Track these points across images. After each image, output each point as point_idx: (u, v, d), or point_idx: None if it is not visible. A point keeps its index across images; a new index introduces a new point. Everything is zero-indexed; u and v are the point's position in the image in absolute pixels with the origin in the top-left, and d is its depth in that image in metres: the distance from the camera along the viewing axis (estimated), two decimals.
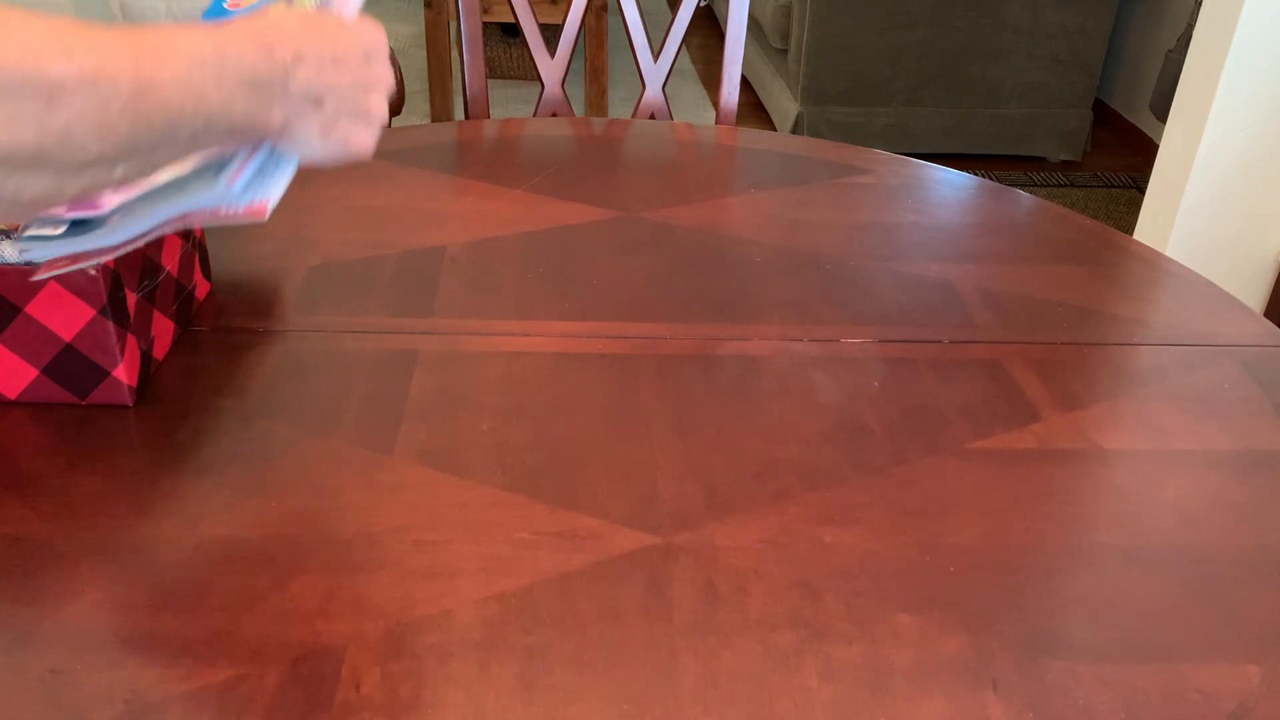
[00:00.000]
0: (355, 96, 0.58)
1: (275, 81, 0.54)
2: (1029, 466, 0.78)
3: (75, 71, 0.44)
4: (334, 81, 0.57)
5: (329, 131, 0.58)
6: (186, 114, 0.49)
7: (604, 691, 0.58)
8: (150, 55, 0.48)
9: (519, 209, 1.12)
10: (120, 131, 0.46)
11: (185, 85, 0.49)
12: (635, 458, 0.76)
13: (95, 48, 0.45)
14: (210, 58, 0.50)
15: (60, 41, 0.44)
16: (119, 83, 0.46)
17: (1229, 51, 1.87)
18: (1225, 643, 0.63)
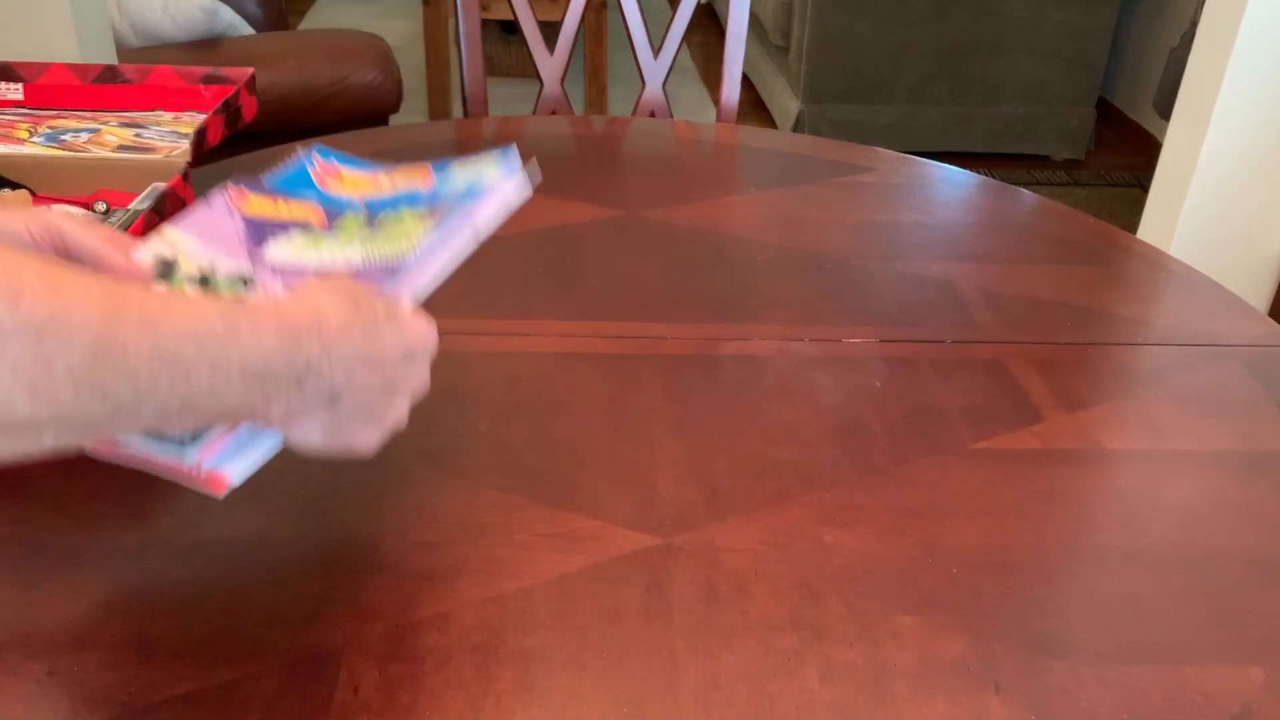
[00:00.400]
0: (378, 400, 0.52)
1: (290, 378, 0.47)
2: (1031, 467, 0.77)
3: (21, 319, 0.38)
4: (360, 382, 0.50)
5: (334, 431, 0.51)
6: (159, 391, 0.42)
7: (604, 693, 0.58)
8: (134, 315, 0.41)
9: (518, 208, 1.12)
10: (61, 396, 0.39)
11: (168, 359, 0.42)
12: (635, 458, 0.76)
13: (59, 294, 0.39)
14: (215, 333, 0.43)
15: (15, 282, 0.38)
16: (74, 339, 0.39)
17: (1232, 49, 1.87)
18: (1228, 644, 0.63)
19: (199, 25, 2.16)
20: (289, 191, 0.70)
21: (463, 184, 0.67)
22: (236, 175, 0.72)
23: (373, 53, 2.25)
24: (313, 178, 0.71)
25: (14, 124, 0.94)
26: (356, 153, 1.22)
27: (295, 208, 0.68)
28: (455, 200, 0.64)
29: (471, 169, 0.68)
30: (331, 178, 0.71)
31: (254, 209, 0.68)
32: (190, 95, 0.99)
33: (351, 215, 0.65)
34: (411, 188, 0.69)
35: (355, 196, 0.69)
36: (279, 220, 0.67)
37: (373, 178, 0.71)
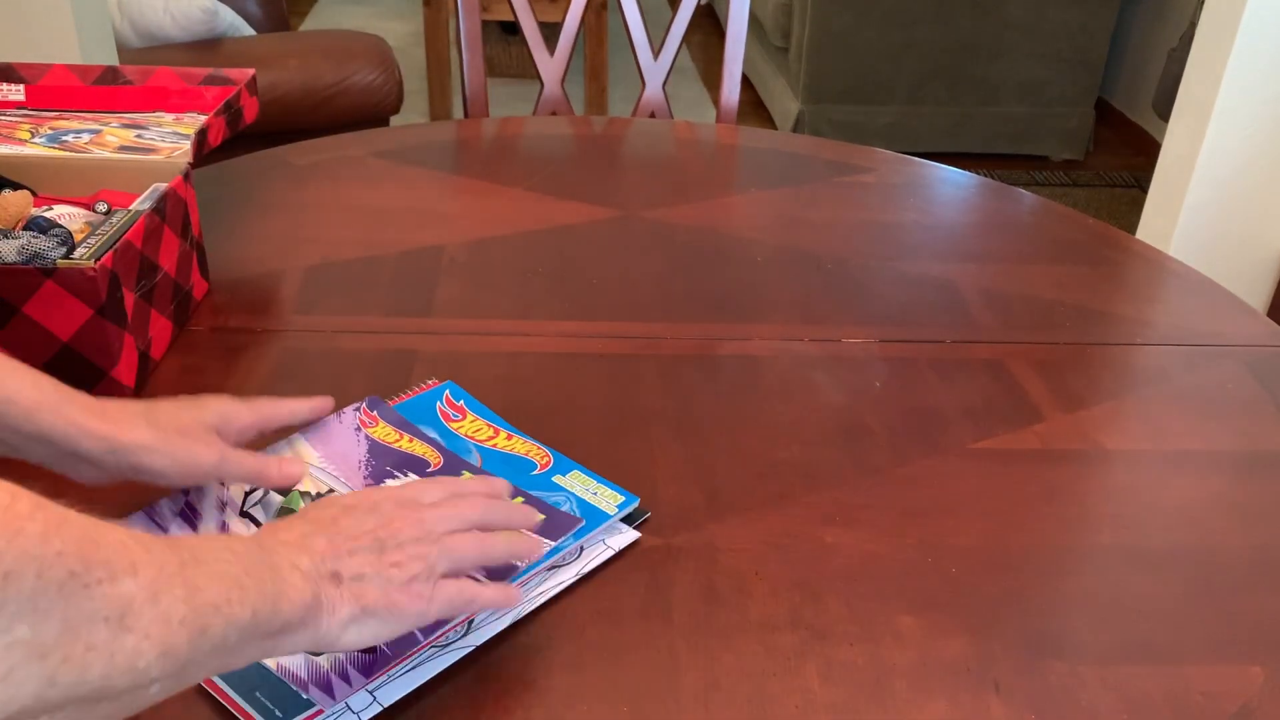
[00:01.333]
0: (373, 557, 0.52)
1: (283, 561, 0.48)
2: (1031, 467, 0.77)
3: (142, 585, 0.39)
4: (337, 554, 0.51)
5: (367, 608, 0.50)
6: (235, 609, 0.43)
7: (604, 693, 0.58)
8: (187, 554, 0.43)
9: (518, 208, 1.12)
10: (180, 648, 0.40)
11: (222, 579, 0.44)
12: (635, 458, 0.76)
13: (150, 552, 0.40)
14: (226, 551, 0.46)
15: (127, 552, 0.39)
16: (175, 590, 0.40)
17: (1232, 50, 1.87)
18: (1228, 644, 0.63)
19: (200, 26, 2.16)
20: (414, 421, 0.74)
21: (580, 492, 0.69)
22: (371, 399, 0.76)
23: (373, 53, 2.25)
24: (439, 413, 0.76)
25: (15, 125, 0.94)
26: (357, 153, 1.23)
27: (417, 445, 0.72)
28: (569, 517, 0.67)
29: (591, 485, 0.70)
30: (456, 417, 0.76)
31: (379, 435, 0.73)
32: (191, 96, 0.99)
33: (467, 475, 0.68)
34: (529, 459, 0.72)
35: (473, 440, 0.74)
36: (401, 451, 0.71)
37: (494, 430, 0.75)
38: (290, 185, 1.14)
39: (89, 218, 0.84)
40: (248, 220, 1.06)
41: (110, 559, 0.38)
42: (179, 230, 0.86)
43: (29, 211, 0.82)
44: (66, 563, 0.36)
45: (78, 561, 0.36)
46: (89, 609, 0.36)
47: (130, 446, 0.59)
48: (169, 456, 0.60)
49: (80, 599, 0.36)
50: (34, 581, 0.35)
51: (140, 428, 0.60)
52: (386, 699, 0.55)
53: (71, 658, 0.36)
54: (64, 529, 0.37)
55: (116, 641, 0.37)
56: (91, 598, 0.37)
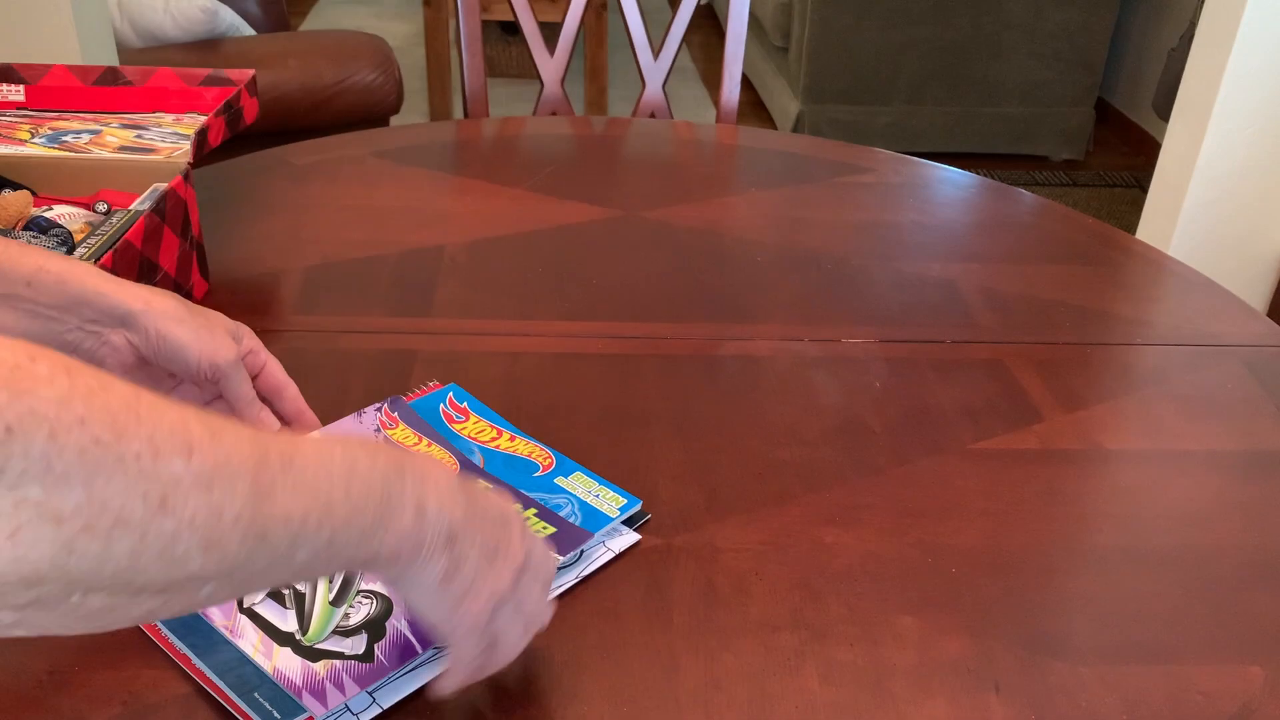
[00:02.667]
0: (482, 555, 0.50)
1: (411, 499, 0.47)
2: (1031, 467, 0.77)
3: (194, 470, 0.37)
4: (468, 524, 0.49)
5: (449, 581, 0.49)
6: (309, 529, 0.42)
7: (604, 693, 0.58)
8: (275, 458, 0.41)
9: (518, 208, 1.12)
10: (229, 546, 0.39)
11: (309, 494, 0.42)
12: (635, 458, 0.76)
13: (220, 442, 0.39)
14: (339, 461, 0.44)
15: (184, 433, 0.37)
16: (236, 486, 0.39)
17: (1231, 50, 1.87)
18: (1228, 644, 0.63)
19: (200, 26, 2.16)
20: (430, 426, 0.75)
21: (582, 495, 0.69)
22: (391, 398, 0.77)
23: (373, 53, 2.25)
24: (442, 415, 0.76)
25: (15, 125, 0.94)
26: (357, 153, 1.22)
27: (435, 449, 0.72)
28: (573, 519, 0.67)
29: (594, 488, 0.70)
30: (459, 419, 0.76)
31: (398, 437, 0.73)
32: (191, 97, 0.99)
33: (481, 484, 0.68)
34: (532, 460, 0.72)
35: (476, 441, 0.74)
36: None
37: (497, 431, 0.75)
38: (290, 185, 1.14)
39: (89, 218, 0.84)
40: (248, 220, 1.06)
41: (156, 435, 0.36)
42: (179, 230, 0.86)
43: (29, 211, 0.82)
44: (91, 430, 0.34)
45: (107, 430, 0.35)
46: (121, 482, 0.35)
47: (161, 310, 0.61)
48: (194, 331, 0.62)
49: (110, 469, 0.34)
50: (44, 443, 0.33)
51: (171, 299, 0.63)
52: (386, 700, 0.55)
53: (94, 528, 0.34)
54: (95, 396, 0.35)
55: (152, 521, 0.36)
56: (125, 470, 0.35)
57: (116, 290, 0.61)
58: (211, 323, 0.65)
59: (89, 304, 0.60)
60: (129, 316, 0.61)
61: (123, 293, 0.61)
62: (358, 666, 0.56)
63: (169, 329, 0.62)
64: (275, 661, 0.56)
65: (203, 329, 0.63)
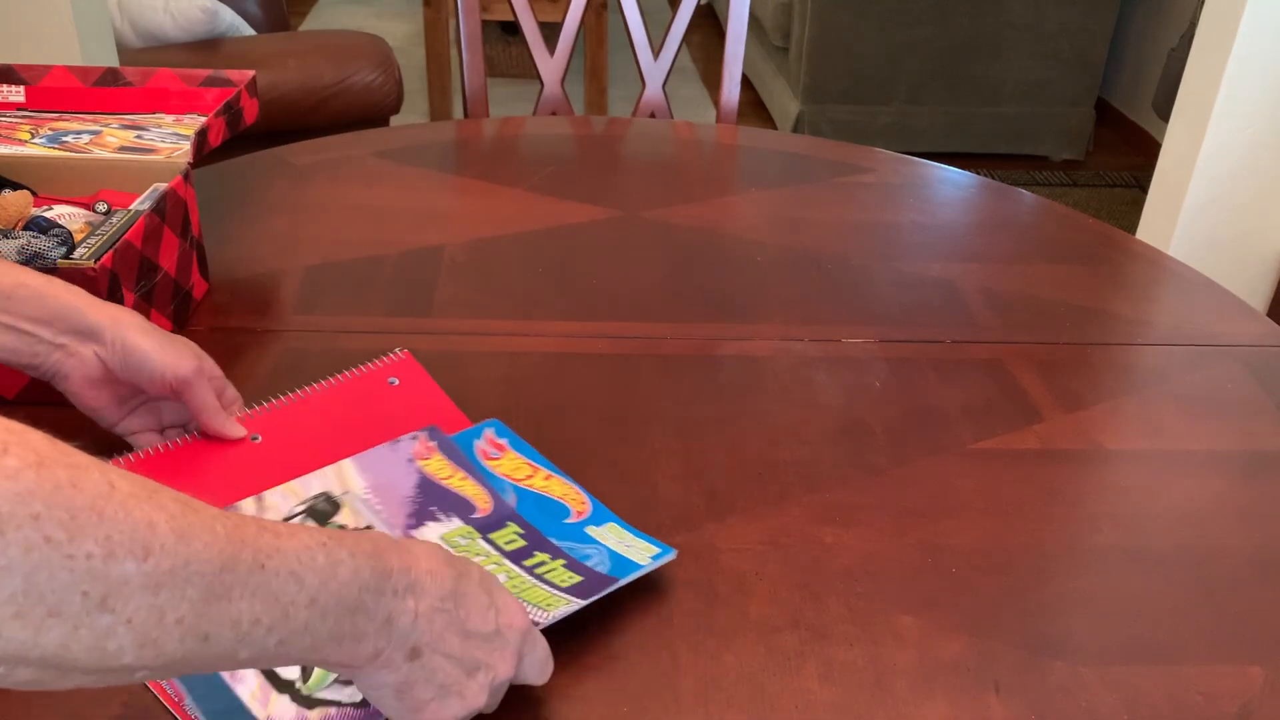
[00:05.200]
0: (455, 673, 0.49)
1: (380, 614, 0.46)
2: (1031, 467, 0.77)
3: (146, 572, 0.37)
4: (441, 641, 0.48)
5: (408, 693, 0.48)
6: (258, 632, 0.41)
7: (604, 693, 0.58)
8: (247, 558, 0.41)
9: (518, 208, 1.12)
10: (166, 645, 0.39)
11: (270, 600, 0.41)
12: (635, 458, 0.76)
13: (187, 543, 0.39)
14: (317, 567, 0.43)
15: (147, 534, 0.37)
16: (188, 591, 0.39)
17: (1231, 50, 1.87)
18: (1228, 644, 0.63)
19: (200, 26, 2.16)
20: (467, 459, 0.72)
21: (613, 545, 0.66)
22: (431, 428, 0.73)
23: (373, 53, 2.25)
24: (477, 451, 0.73)
25: (15, 126, 0.94)
26: (357, 153, 1.23)
27: (469, 485, 0.69)
28: (601, 568, 0.64)
29: (626, 539, 0.67)
30: (495, 455, 0.73)
31: (433, 469, 0.70)
32: (191, 97, 0.99)
33: (512, 527, 0.66)
34: (564, 504, 0.69)
35: (510, 480, 0.71)
36: (451, 491, 0.68)
37: (534, 469, 0.72)
38: (290, 185, 1.14)
39: (89, 218, 0.84)
40: (248, 220, 1.06)
41: (114, 535, 0.36)
42: (179, 230, 0.86)
43: (29, 212, 0.82)
44: (43, 528, 0.35)
45: (61, 530, 0.35)
46: (64, 578, 0.35)
47: (127, 323, 0.66)
48: (158, 343, 0.66)
49: (54, 566, 0.35)
50: None
51: (137, 316, 0.67)
52: None
53: (26, 616, 0.35)
54: (60, 493, 0.35)
55: (87, 617, 0.36)
56: (71, 569, 0.35)
57: (88, 306, 0.65)
58: (175, 338, 0.69)
59: (63, 318, 0.64)
60: (98, 331, 0.65)
61: (93, 309, 0.65)
62: (352, 713, 0.55)
63: (135, 340, 0.65)
64: (270, 710, 0.55)
65: (166, 341, 0.67)
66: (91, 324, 0.64)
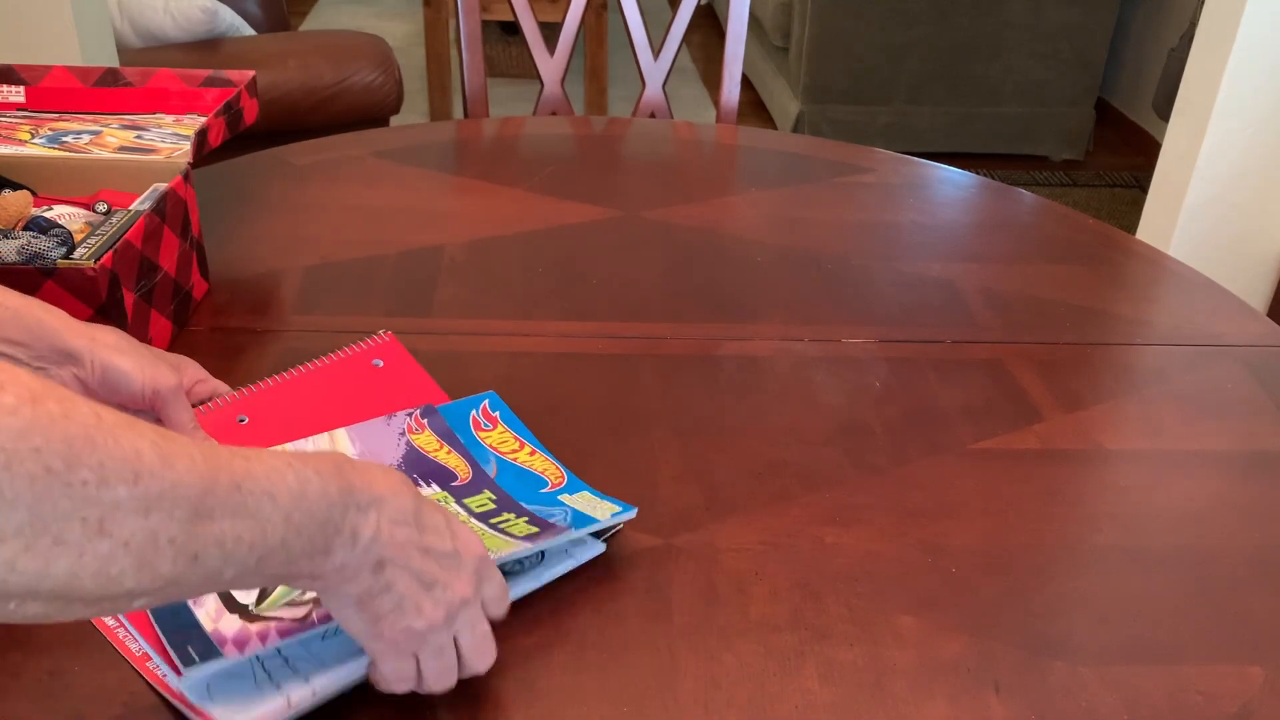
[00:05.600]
0: (415, 589, 0.51)
1: (346, 528, 0.48)
2: (1031, 467, 0.77)
3: (137, 495, 0.39)
4: (404, 551, 0.51)
5: (368, 603, 0.50)
6: (241, 550, 0.43)
7: (604, 693, 0.58)
8: (225, 480, 0.43)
9: (518, 208, 1.12)
10: (161, 567, 0.40)
11: (249, 518, 0.43)
12: (635, 458, 0.76)
13: (171, 468, 0.40)
14: (289, 486, 0.45)
15: (134, 460, 0.39)
16: (176, 512, 0.40)
17: (1232, 50, 1.87)
18: (1228, 644, 0.63)
19: (200, 26, 2.16)
20: (454, 434, 0.74)
21: (580, 507, 0.68)
22: (426, 406, 0.75)
23: (373, 53, 2.25)
24: (470, 420, 0.76)
25: (15, 126, 0.94)
26: (357, 153, 1.23)
27: (452, 457, 0.72)
28: (563, 524, 0.65)
29: (594, 502, 0.69)
30: (486, 427, 0.76)
31: (420, 442, 0.73)
32: (191, 98, 0.99)
33: (486, 494, 0.68)
34: (543, 477, 0.72)
35: (495, 451, 0.73)
36: (434, 461, 0.71)
37: (520, 443, 0.75)
38: (290, 185, 1.14)
39: (89, 218, 0.84)
40: (248, 220, 1.06)
41: (106, 462, 0.38)
42: (179, 230, 0.86)
43: (29, 212, 0.82)
44: (44, 459, 0.36)
45: (60, 459, 0.36)
46: (65, 506, 0.37)
47: (105, 343, 0.65)
48: (136, 361, 0.66)
49: (56, 495, 0.36)
50: None
51: (114, 334, 0.67)
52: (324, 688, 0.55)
53: (35, 548, 0.36)
54: (55, 425, 0.37)
55: (89, 543, 0.38)
56: (70, 496, 0.37)
57: (65, 328, 0.65)
58: (155, 354, 0.68)
59: (41, 339, 0.64)
60: (75, 353, 0.65)
61: (71, 330, 0.65)
62: (291, 625, 0.56)
63: (113, 360, 0.65)
64: (219, 624, 0.56)
65: (145, 359, 0.67)
66: (70, 347, 0.64)
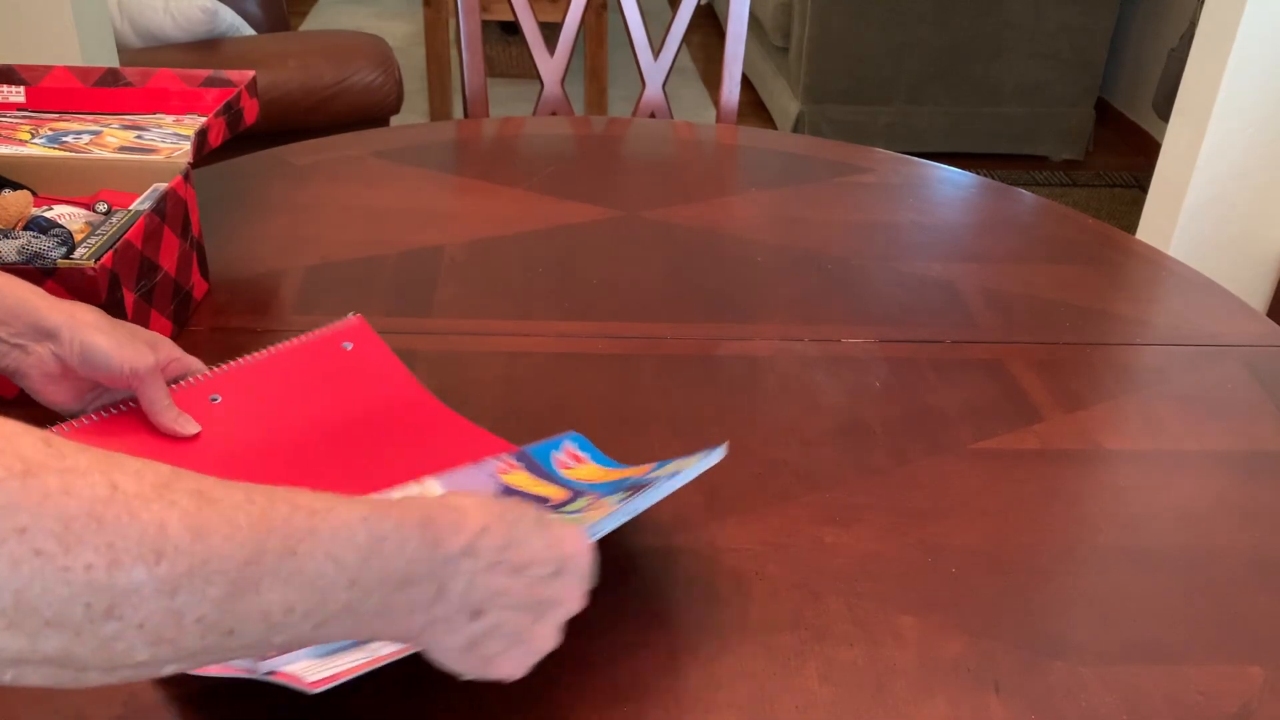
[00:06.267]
0: (522, 621, 0.48)
1: (431, 585, 0.43)
2: (1031, 467, 0.77)
3: (159, 578, 0.35)
4: (503, 596, 0.46)
5: (475, 651, 0.46)
6: (292, 621, 0.38)
7: (604, 693, 0.58)
8: (276, 545, 0.38)
9: (518, 208, 1.12)
10: (186, 643, 0.36)
11: (305, 586, 0.38)
12: (635, 458, 0.76)
13: (203, 539, 0.36)
14: (358, 546, 0.40)
15: (157, 538, 0.35)
16: (209, 590, 0.36)
17: (1231, 50, 1.87)
18: (1228, 644, 0.63)
19: (200, 26, 2.16)
20: (548, 471, 0.71)
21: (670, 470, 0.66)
22: (520, 450, 0.72)
23: (373, 53, 2.25)
24: (554, 461, 0.72)
25: (16, 126, 0.94)
26: (357, 153, 1.22)
27: (548, 487, 0.69)
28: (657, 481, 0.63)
29: (683, 463, 0.67)
30: (571, 465, 0.72)
31: (513, 481, 0.70)
32: (191, 98, 0.99)
33: (583, 500, 0.66)
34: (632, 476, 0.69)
35: (588, 481, 0.71)
36: (530, 494, 0.68)
37: (607, 471, 0.72)
38: (290, 185, 1.14)
39: (89, 218, 0.84)
40: (248, 220, 1.06)
41: (118, 543, 0.34)
42: (179, 230, 0.86)
43: (29, 211, 0.82)
44: (32, 541, 0.33)
45: (52, 541, 0.33)
46: (61, 592, 0.33)
47: (83, 322, 0.65)
48: (114, 340, 0.66)
49: (48, 580, 0.33)
50: None
51: (93, 312, 0.67)
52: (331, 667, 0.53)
53: (19, 625, 0.33)
54: (49, 502, 0.33)
55: (91, 625, 0.34)
56: (69, 582, 0.33)
57: (44, 305, 0.65)
58: (131, 332, 0.68)
59: (20, 317, 0.64)
60: (54, 331, 0.65)
61: (50, 308, 0.65)
62: None
63: (91, 339, 0.65)
64: None
65: (123, 338, 0.67)
66: (48, 324, 0.64)
